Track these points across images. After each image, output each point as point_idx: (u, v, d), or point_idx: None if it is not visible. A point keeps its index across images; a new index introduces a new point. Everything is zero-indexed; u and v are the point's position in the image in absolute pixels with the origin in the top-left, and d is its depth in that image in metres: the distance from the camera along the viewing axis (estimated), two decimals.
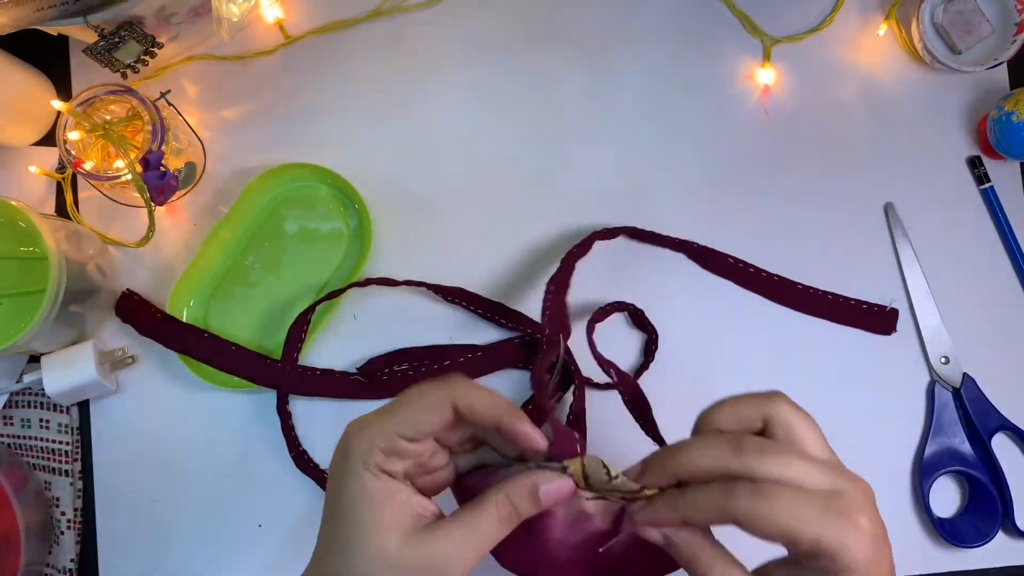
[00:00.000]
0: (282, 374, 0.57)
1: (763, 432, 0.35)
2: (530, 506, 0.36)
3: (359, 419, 0.37)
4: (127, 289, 0.58)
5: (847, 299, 0.59)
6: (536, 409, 0.55)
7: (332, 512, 0.36)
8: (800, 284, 0.59)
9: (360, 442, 0.35)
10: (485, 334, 0.59)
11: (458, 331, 0.59)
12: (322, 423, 0.58)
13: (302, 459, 0.57)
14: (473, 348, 0.58)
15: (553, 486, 0.36)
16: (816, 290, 0.59)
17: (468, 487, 0.39)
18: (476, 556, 0.35)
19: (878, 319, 0.59)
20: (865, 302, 0.59)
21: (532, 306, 0.58)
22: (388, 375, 0.58)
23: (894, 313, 0.59)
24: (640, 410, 0.49)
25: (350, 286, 0.57)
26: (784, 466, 0.32)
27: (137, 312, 0.58)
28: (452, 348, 0.58)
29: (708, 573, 0.34)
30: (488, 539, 0.36)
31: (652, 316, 0.58)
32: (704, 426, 0.36)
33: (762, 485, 0.32)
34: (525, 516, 0.36)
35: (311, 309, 0.56)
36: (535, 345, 0.57)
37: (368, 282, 0.57)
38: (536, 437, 0.36)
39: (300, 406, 0.59)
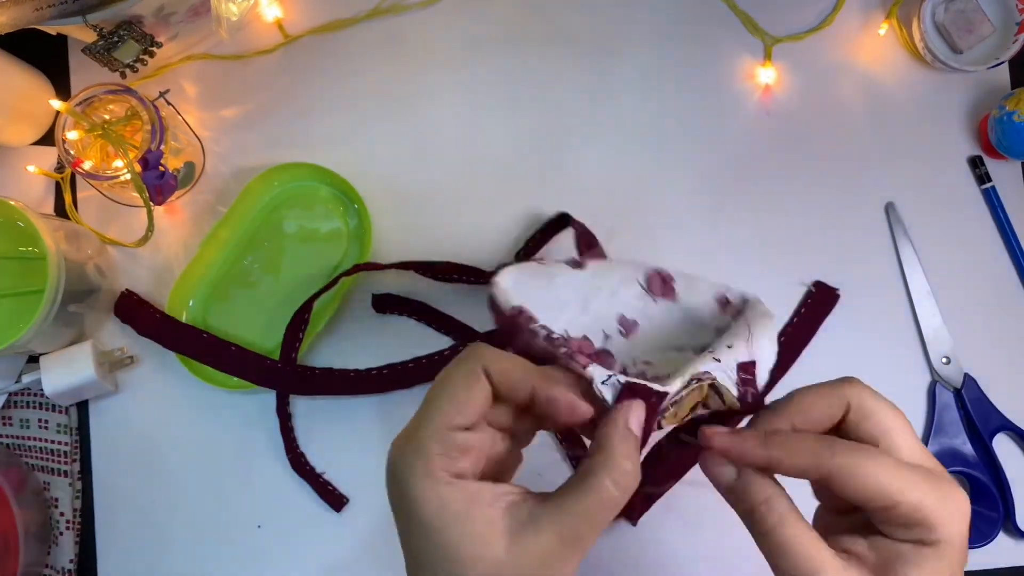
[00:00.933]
0: (281, 374, 0.57)
1: (843, 424, 0.33)
2: (637, 451, 0.32)
3: (400, 435, 0.33)
4: (126, 289, 0.58)
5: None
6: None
7: (413, 545, 0.31)
8: None
9: (413, 453, 0.31)
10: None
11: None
12: (321, 424, 0.58)
13: (299, 461, 0.57)
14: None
15: (634, 415, 0.32)
16: None
17: None
18: (595, 534, 0.31)
19: (822, 300, 0.59)
20: (802, 304, 0.59)
21: None
22: (388, 370, 0.58)
23: (821, 285, 0.59)
24: None
25: (339, 276, 0.56)
26: (876, 460, 0.31)
27: (136, 312, 0.57)
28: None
29: (778, 527, 0.31)
30: (610, 515, 0.31)
31: None
32: (780, 420, 0.33)
33: (865, 446, 0.31)
34: (638, 465, 0.32)
35: (307, 307, 0.56)
36: None
37: (356, 269, 0.56)
38: (579, 404, 0.32)
39: (300, 407, 0.58)
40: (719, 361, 0.34)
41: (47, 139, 0.60)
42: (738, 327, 0.37)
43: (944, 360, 0.59)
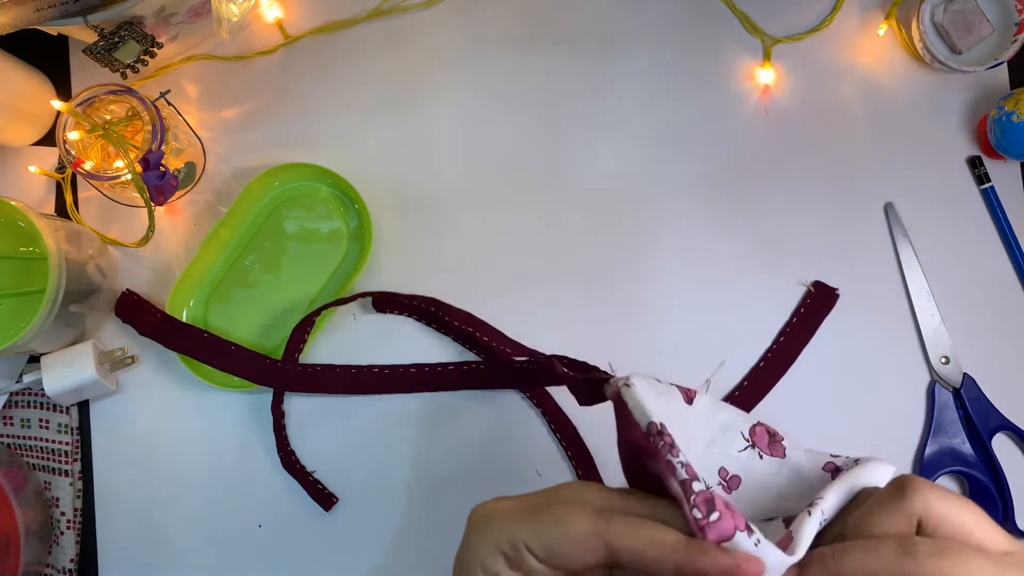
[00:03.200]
0: (281, 373, 0.57)
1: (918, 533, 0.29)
2: None
3: (491, 504, 0.31)
4: (127, 289, 0.58)
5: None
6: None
7: None
8: None
9: (482, 540, 0.30)
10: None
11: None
12: (316, 423, 0.58)
13: (289, 459, 0.57)
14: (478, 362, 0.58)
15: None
16: None
17: None
18: None
19: (821, 300, 0.59)
20: (801, 304, 0.59)
21: (531, 305, 0.58)
22: (389, 370, 0.58)
23: (820, 285, 0.59)
24: None
25: (358, 296, 0.57)
26: (968, 559, 0.27)
27: (137, 312, 0.58)
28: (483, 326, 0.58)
29: None
30: None
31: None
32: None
33: (948, 544, 0.27)
34: None
35: (316, 312, 0.56)
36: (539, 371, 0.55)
37: (370, 294, 0.57)
38: (754, 561, 0.28)
39: (299, 406, 0.58)
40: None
41: (48, 139, 0.60)
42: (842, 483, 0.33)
43: (943, 360, 0.59)
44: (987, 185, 0.60)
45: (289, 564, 0.57)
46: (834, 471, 0.34)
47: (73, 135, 0.54)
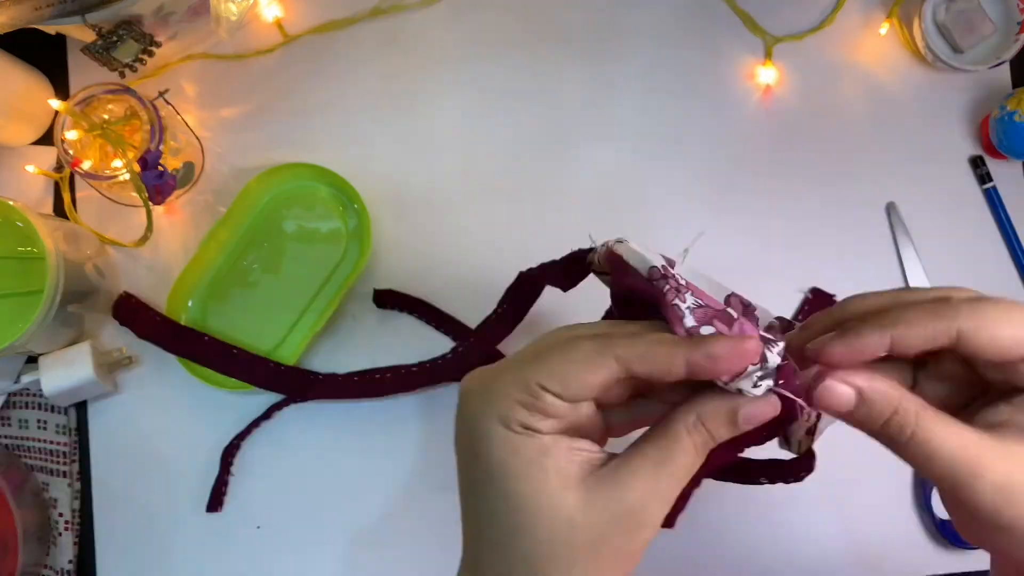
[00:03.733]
0: (286, 378, 0.56)
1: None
2: (727, 431, 0.30)
3: (480, 372, 0.31)
4: (125, 292, 0.58)
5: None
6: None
7: (477, 492, 0.29)
8: None
9: (492, 397, 0.29)
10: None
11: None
12: (316, 428, 0.58)
13: (230, 450, 0.57)
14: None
15: (756, 409, 0.29)
16: None
17: None
18: (672, 494, 0.29)
19: (819, 306, 0.58)
20: (799, 311, 0.59)
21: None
22: (391, 374, 0.57)
23: (818, 292, 0.59)
24: None
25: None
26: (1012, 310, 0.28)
27: (135, 315, 0.57)
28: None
29: (917, 434, 0.28)
30: (684, 472, 0.29)
31: None
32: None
33: (985, 297, 0.28)
34: (719, 442, 0.30)
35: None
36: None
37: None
38: (747, 342, 0.28)
39: (300, 409, 0.58)
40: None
41: (46, 139, 0.60)
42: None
43: None
44: (989, 185, 0.60)
45: (292, 564, 0.57)
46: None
47: (71, 134, 0.54)
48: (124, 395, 0.58)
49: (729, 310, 0.31)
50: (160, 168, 0.53)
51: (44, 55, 0.60)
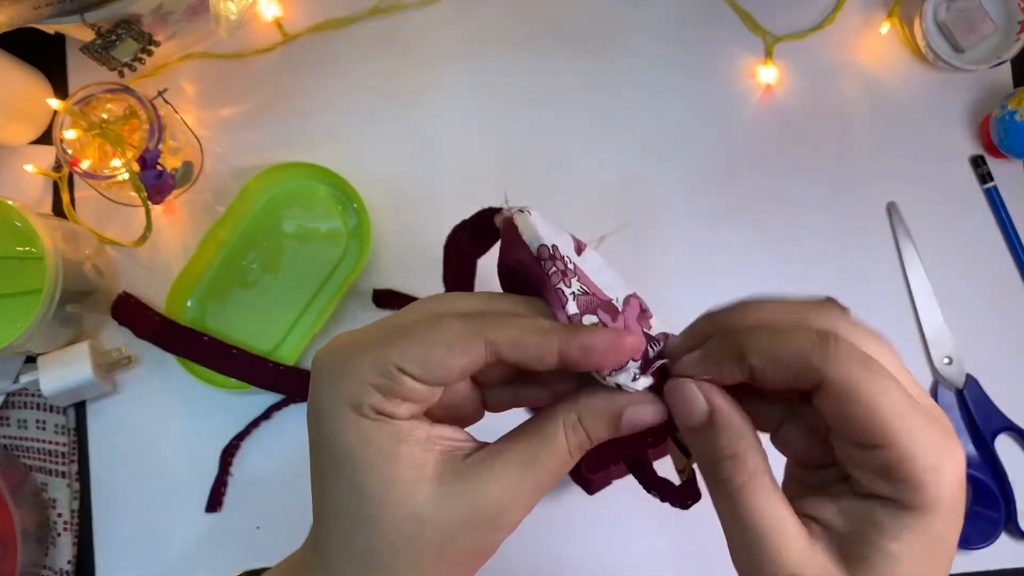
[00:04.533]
0: (286, 378, 0.56)
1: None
2: (607, 432, 0.27)
3: (335, 346, 0.27)
4: (123, 292, 0.58)
5: None
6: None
7: (323, 482, 0.27)
8: None
9: (343, 379, 0.26)
10: None
11: None
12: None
13: (229, 450, 0.57)
14: None
15: (641, 413, 0.27)
16: None
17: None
18: (536, 498, 0.27)
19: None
20: None
21: None
22: None
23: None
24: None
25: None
26: (886, 378, 0.25)
27: (135, 315, 0.57)
28: None
29: (744, 490, 0.25)
30: (552, 475, 0.27)
31: None
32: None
33: (874, 359, 0.25)
34: (596, 443, 0.28)
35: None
36: None
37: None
38: (626, 336, 0.26)
39: (300, 409, 0.58)
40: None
41: (45, 138, 0.60)
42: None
43: (946, 360, 0.58)
44: (990, 184, 0.60)
45: None
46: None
47: (70, 134, 0.54)
48: (123, 395, 0.58)
49: (614, 301, 0.29)
50: (159, 167, 0.53)
51: (43, 54, 0.60)
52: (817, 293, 0.28)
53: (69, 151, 0.54)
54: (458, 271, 0.36)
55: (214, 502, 0.57)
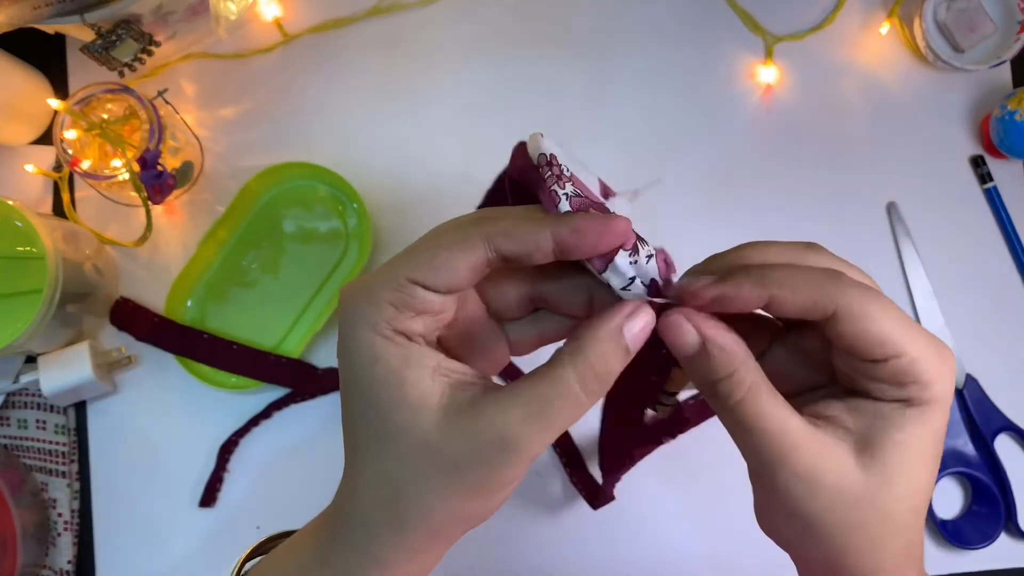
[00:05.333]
0: (287, 371, 0.56)
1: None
2: (613, 356, 0.27)
3: (358, 278, 0.29)
4: (120, 297, 0.58)
5: None
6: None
7: (349, 405, 0.28)
8: None
9: (362, 300, 0.27)
10: None
11: None
12: (316, 428, 0.58)
13: (228, 446, 0.57)
14: None
15: (638, 319, 0.27)
16: None
17: None
18: (546, 438, 0.27)
19: None
20: None
21: None
22: None
23: None
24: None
25: None
26: (892, 309, 0.27)
27: (133, 318, 0.57)
28: None
29: (746, 401, 0.27)
30: (560, 411, 0.27)
31: None
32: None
33: (871, 288, 0.28)
34: (612, 375, 0.27)
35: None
36: None
37: None
38: (614, 222, 0.27)
39: (300, 409, 0.58)
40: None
41: (45, 138, 0.60)
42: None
43: None
44: (990, 184, 0.60)
45: None
46: None
47: (70, 134, 0.54)
48: (123, 395, 0.58)
49: (608, 204, 0.30)
50: (159, 167, 0.53)
51: (43, 54, 0.60)
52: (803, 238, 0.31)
53: (69, 151, 0.54)
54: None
55: (208, 497, 0.57)
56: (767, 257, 0.29)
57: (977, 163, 0.60)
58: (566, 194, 0.28)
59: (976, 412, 0.57)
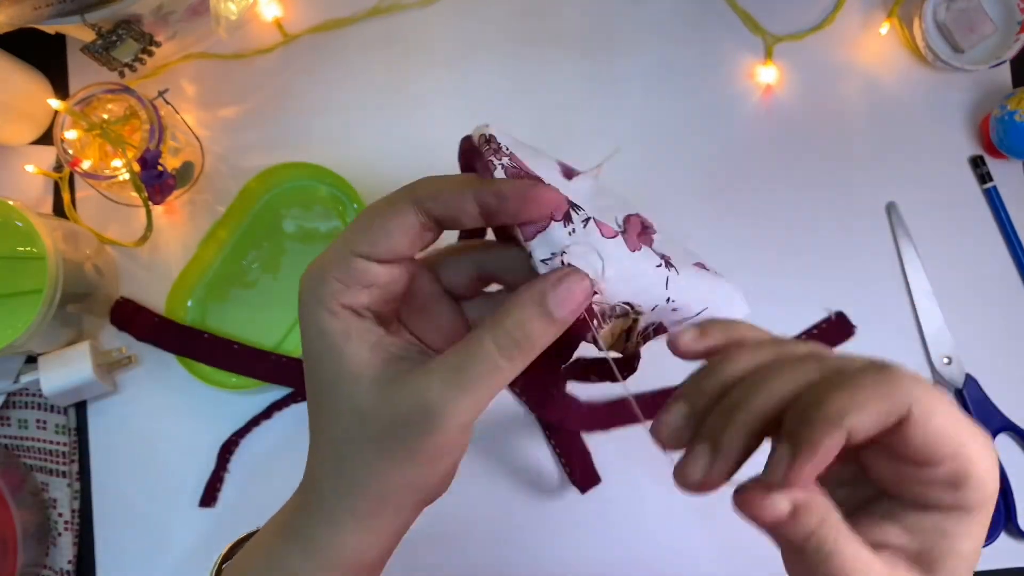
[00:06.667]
0: (287, 370, 0.56)
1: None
2: (541, 327, 0.27)
3: (314, 260, 0.30)
4: (120, 297, 0.58)
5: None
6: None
7: (306, 377, 0.30)
8: None
9: (313, 278, 0.29)
10: None
11: None
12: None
13: (228, 447, 0.57)
14: None
15: (564, 287, 0.27)
16: None
17: None
18: (473, 404, 0.27)
19: (836, 331, 0.58)
20: (815, 326, 0.58)
21: None
22: None
23: (842, 317, 0.58)
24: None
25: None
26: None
27: (133, 318, 0.57)
28: None
29: (837, 548, 0.25)
30: (485, 382, 0.27)
31: None
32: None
33: (927, 382, 0.25)
34: (539, 344, 0.27)
35: None
36: None
37: None
38: (547, 190, 0.27)
39: (300, 409, 0.58)
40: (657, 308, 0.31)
41: (46, 138, 0.60)
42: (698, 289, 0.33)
43: (945, 360, 0.58)
44: (989, 184, 0.60)
45: None
46: (699, 267, 0.35)
47: (71, 134, 0.54)
48: (123, 395, 0.58)
49: (571, 183, 0.31)
50: (159, 168, 0.53)
51: (44, 55, 0.60)
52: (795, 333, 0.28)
53: (70, 151, 0.54)
54: None
55: (208, 497, 0.57)
56: (753, 363, 0.27)
57: (977, 163, 0.60)
58: (502, 164, 0.29)
59: (976, 412, 0.57)
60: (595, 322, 0.29)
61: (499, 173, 0.29)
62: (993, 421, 0.57)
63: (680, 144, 0.61)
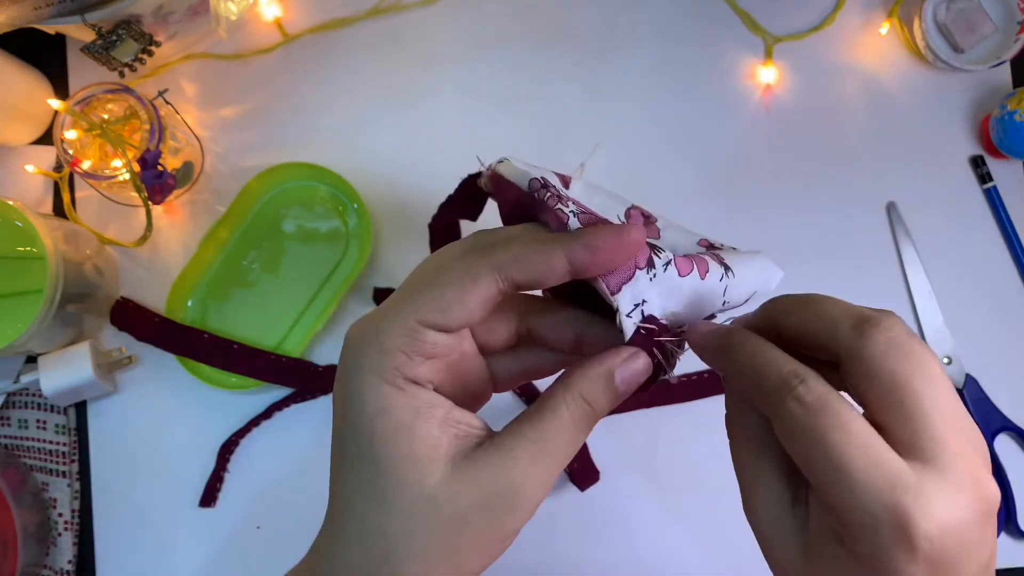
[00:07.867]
0: (287, 370, 0.56)
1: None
2: (605, 396, 0.27)
3: (364, 318, 0.28)
4: (121, 297, 0.58)
5: None
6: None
7: (343, 455, 0.27)
8: None
9: (369, 345, 0.26)
10: None
11: None
12: (317, 428, 0.58)
13: (227, 447, 0.57)
14: None
15: (629, 369, 0.27)
16: None
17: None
18: (550, 478, 0.27)
19: None
20: None
21: None
22: None
23: None
24: None
25: None
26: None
27: (133, 319, 0.57)
28: None
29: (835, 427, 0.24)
30: (563, 454, 0.27)
31: None
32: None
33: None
34: (603, 414, 0.28)
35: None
36: None
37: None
38: (634, 230, 0.27)
39: (300, 409, 0.58)
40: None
41: (46, 138, 0.60)
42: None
43: (945, 360, 0.58)
44: (990, 185, 0.60)
45: (287, 566, 0.57)
46: (708, 247, 0.34)
47: (71, 134, 0.54)
48: (124, 395, 0.58)
49: (616, 219, 0.30)
50: (159, 168, 0.53)
51: (43, 55, 0.60)
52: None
53: (70, 151, 0.54)
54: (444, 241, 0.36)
55: (208, 497, 0.57)
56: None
57: (977, 163, 0.60)
58: (572, 211, 0.28)
59: (976, 412, 0.57)
60: (668, 361, 0.29)
61: (574, 222, 0.27)
62: (993, 421, 0.57)
63: (680, 144, 0.61)
